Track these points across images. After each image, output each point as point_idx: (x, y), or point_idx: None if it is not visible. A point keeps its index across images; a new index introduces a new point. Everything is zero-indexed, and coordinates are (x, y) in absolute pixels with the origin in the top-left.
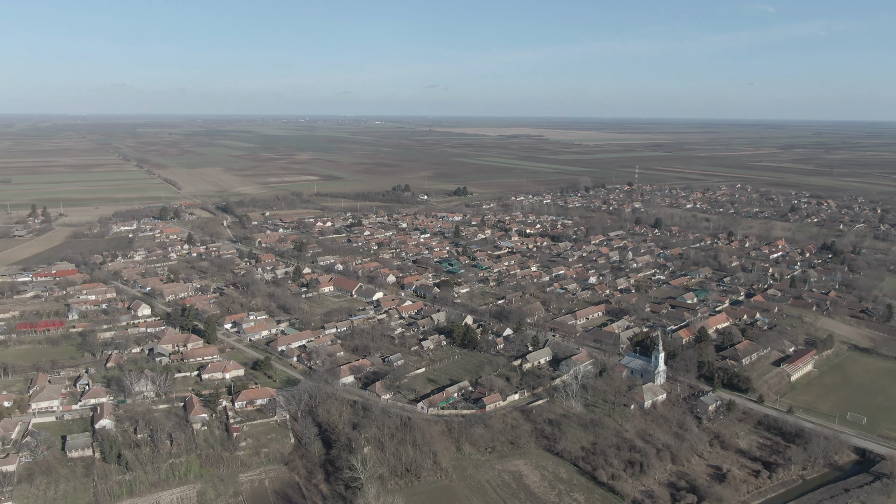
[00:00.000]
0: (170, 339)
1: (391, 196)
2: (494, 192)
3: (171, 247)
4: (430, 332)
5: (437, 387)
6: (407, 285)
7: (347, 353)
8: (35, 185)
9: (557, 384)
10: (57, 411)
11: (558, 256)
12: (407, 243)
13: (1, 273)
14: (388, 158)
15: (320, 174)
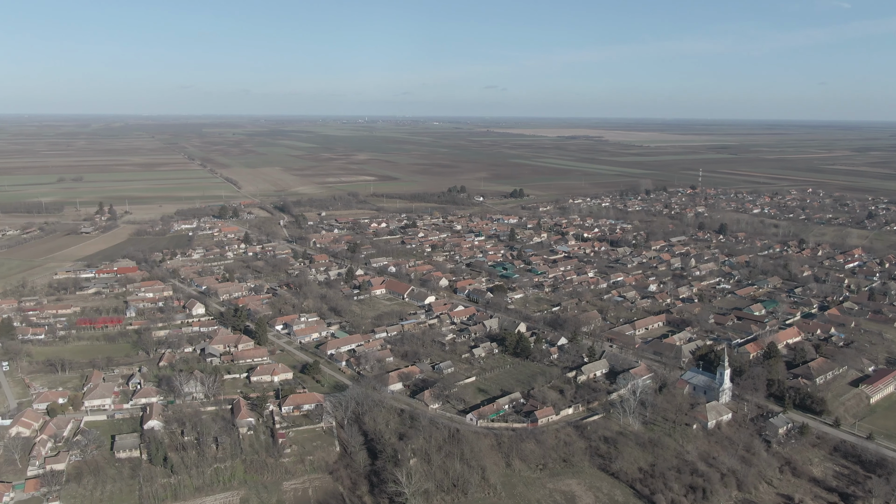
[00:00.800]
0: (221, 339)
1: (447, 197)
2: (551, 195)
3: (228, 246)
4: (481, 339)
5: (487, 397)
6: (459, 289)
7: (397, 358)
8: (105, 182)
9: (614, 399)
10: (108, 410)
11: (617, 262)
12: (461, 246)
13: (66, 269)
14: (445, 159)
15: (377, 174)
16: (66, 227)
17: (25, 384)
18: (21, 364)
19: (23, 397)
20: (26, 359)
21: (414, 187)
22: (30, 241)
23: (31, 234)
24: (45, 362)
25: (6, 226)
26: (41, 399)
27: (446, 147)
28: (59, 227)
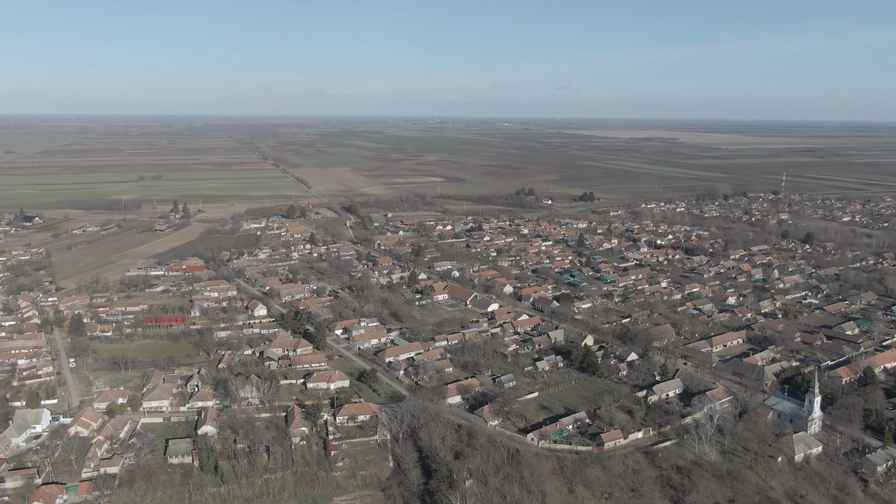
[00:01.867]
0: (280, 342)
1: (514, 200)
2: (623, 199)
3: (293, 246)
4: (546, 351)
5: (550, 415)
6: (524, 297)
7: (457, 369)
8: (182, 181)
9: (689, 424)
10: (165, 412)
11: (692, 272)
12: (527, 251)
13: (138, 266)
14: (514, 161)
15: (445, 176)
16: (143, 224)
17: (89, 381)
18: (87, 361)
19: (86, 395)
20: (92, 356)
21: (481, 189)
22: (108, 237)
23: (109, 230)
24: (109, 360)
25: (87, 222)
26: (102, 398)
27: (515, 148)
28: (136, 225)
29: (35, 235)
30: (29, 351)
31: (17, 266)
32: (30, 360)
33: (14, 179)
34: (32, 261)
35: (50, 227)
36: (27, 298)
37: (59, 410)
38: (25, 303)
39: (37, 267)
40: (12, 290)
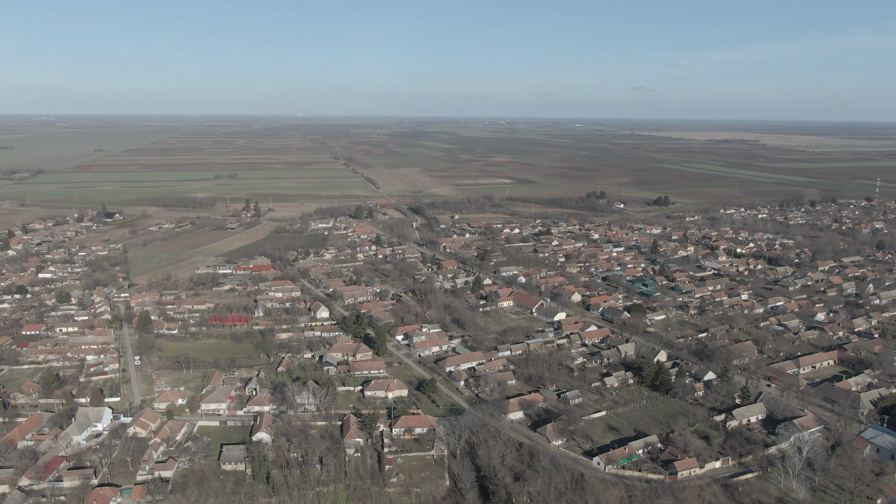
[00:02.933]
0: (340, 347)
1: (584, 203)
2: (700, 203)
3: (359, 247)
4: (615, 365)
5: (618, 438)
6: (593, 306)
7: (519, 382)
8: (256, 180)
9: (773, 455)
10: (222, 415)
11: (776, 284)
12: (597, 257)
13: (207, 264)
14: (585, 163)
15: (514, 177)
16: (215, 222)
17: (152, 380)
18: (152, 359)
19: (147, 394)
20: (157, 354)
21: (551, 191)
22: (181, 234)
23: (183, 227)
24: (173, 358)
25: (164, 219)
26: (162, 398)
27: (587, 150)
28: (209, 223)
29: (114, 231)
30: (98, 347)
31: (95, 261)
32: (98, 356)
33: (100, 176)
34: (110, 256)
35: (129, 224)
36: (101, 294)
37: (120, 409)
38: (99, 298)
39: (113, 263)
40: (88, 284)
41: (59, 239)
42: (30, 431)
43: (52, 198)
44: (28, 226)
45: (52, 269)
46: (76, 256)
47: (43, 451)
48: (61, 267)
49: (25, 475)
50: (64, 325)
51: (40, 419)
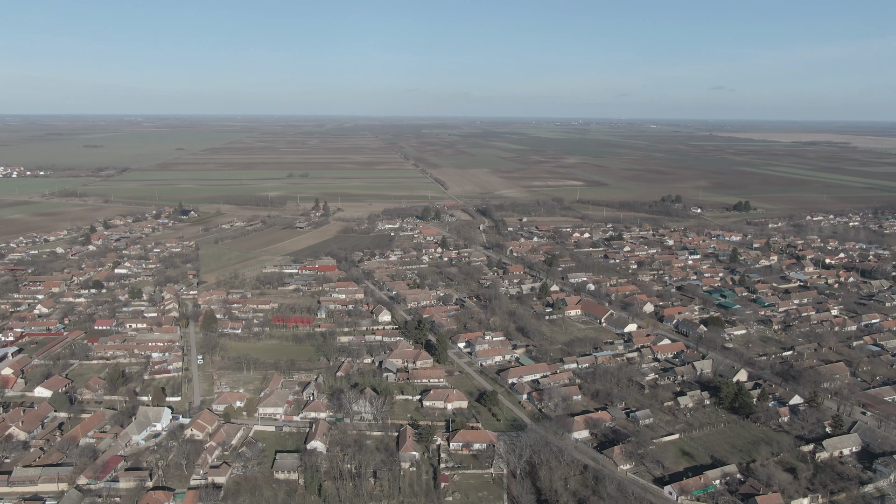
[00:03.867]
0: (400, 353)
1: (659, 207)
2: (784, 209)
3: (425, 249)
4: (690, 384)
5: (692, 465)
6: (667, 318)
7: (586, 397)
8: (327, 179)
9: (870, 493)
10: (279, 420)
11: (870, 299)
12: (671, 265)
13: (274, 263)
14: (660, 165)
15: (585, 179)
16: (285, 220)
17: (213, 380)
18: (214, 358)
19: (207, 395)
20: (220, 353)
21: (623, 194)
22: (252, 233)
23: (254, 226)
24: (235, 358)
25: (236, 217)
26: (221, 400)
27: (662, 152)
28: (279, 221)
29: (189, 229)
30: (163, 344)
31: (169, 258)
32: (163, 353)
33: (180, 174)
34: (182, 253)
35: (203, 221)
36: (171, 291)
37: (180, 409)
38: (169, 295)
39: (185, 259)
40: (160, 281)
41: (137, 235)
42: (92, 429)
43: (133, 194)
44: (109, 222)
45: (128, 264)
46: (151, 253)
47: (103, 450)
48: (136, 263)
49: (84, 474)
50: (133, 321)
51: (103, 416)
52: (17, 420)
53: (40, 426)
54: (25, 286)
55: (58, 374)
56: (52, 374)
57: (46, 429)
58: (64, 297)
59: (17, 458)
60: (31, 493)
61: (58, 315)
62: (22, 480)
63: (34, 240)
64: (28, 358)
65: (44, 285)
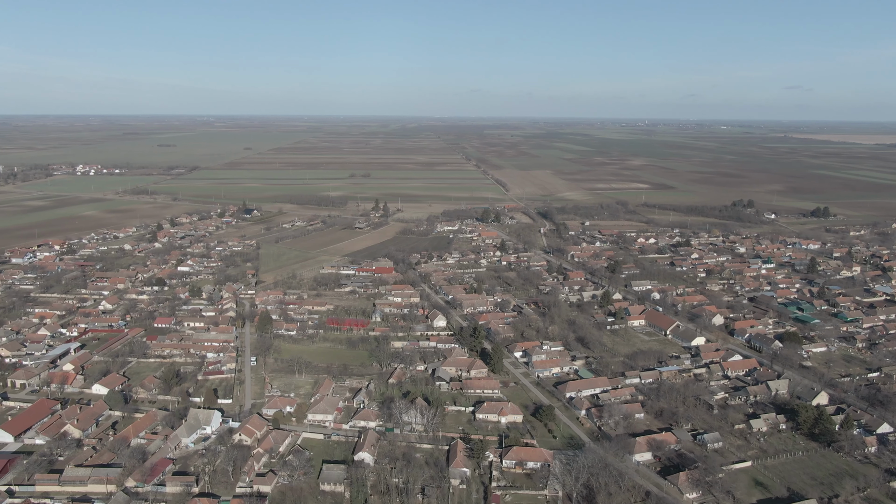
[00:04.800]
0: (454, 361)
1: (729, 212)
2: (867, 216)
3: (483, 252)
4: (764, 405)
5: (767, 497)
6: (738, 331)
7: (649, 416)
8: (388, 180)
9: None
10: (328, 428)
11: None
12: (743, 274)
13: (331, 264)
14: (731, 168)
15: (651, 182)
16: (344, 221)
17: (265, 383)
18: (267, 360)
19: (258, 398)
20: (273, 355)
21: (691, 198)
22: (311, 232)
23: (314, 226)
24: (288, 361)
25: (297, 217)
26: (271, 404)
27: (733, 154)
28: (339, 221)
29: (251, 227)
30: (218, 345)
31: (230, 257)
32: (217, 354)
33: (245, 173)
34: (243, 252)
35: (265, 220)
36: (229, 290)
37: (231, 412)
38: (227, 294)
39: (246, 258)
40: (220, 280)
41: (201, 233)
42: (143, 429)
43: (200, 193)
44: (176, 219)
45: (190, 262)
46: (213, 251)
47: (152, 452)
48: (198, 261)
49: (132, 476)
50: (191, 319)
51: (154, 417)
52: (73, 417)
53: (95, 424)
54: (93, 282)
55: (115, 371)
56: (109, 371)
57: (100, 427)
58: (128, 294)
59: (70, 457)
60: (81, 493)
61: (120, 312)
62: (72, 480)
63: (104, 236)
64: (89, 354)
65: (109, 281)
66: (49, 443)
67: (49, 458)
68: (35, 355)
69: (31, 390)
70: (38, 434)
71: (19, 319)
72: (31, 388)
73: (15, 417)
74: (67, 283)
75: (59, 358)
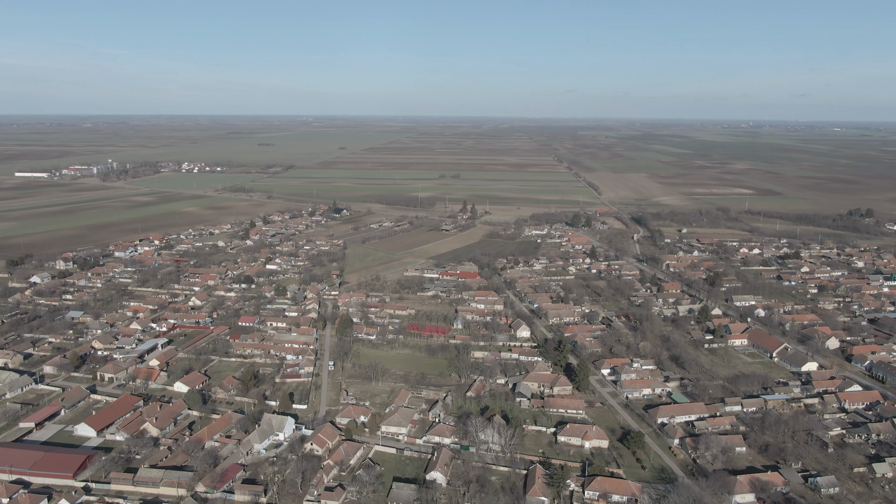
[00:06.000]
0: (537, 376)
1: (845, 222)
2: None
3: (572, 259)
4: (889, 446)
5: None
6: (856, 357)
7: (751, 451)
8: (477, 181)
9: None
10: (401, 442)
11: None
12: (862, 292)
13: (416, 267)
14: (846, 173)
15: (755, 188)
16: (432, 222)
17: (340, 389)
18: (345, 365)
19: (333, 405)
20: (352, 360)
21: (801, 206)
22: (398, 233)
23: (401, 226)
24: (365, 367)
25: (385, 217)
26: (345, 413)
27: (848, 158)
28: (426, 223)
29: (339, 227)
30: (298, 347)
31: (317, 256)
32: (297, 356)
33: (338, 173)
34: (330, 252)
35: (353, 220)
36: (313, 290)
37: (304, 418)
38: (311, 294)
39: (332, 258)
40: (305, 279)
41: (291, 232)
42: (218, 431)
43: (294, 191)
44: (268, 217)
45: (278, 261)
46: (301, 250)
47: (224, 456)
48: (286, 259)
49: (202, 481)
50: (274, 319)
51: (230, 420)
52: (153, 416)
53: (173, 423)
54: (185, 277)
55: (197, 369)
56: (192, 369)
57: (178, 427)
58: (216, 291)
59: (146, 456)
60: (153, 495)
61: (208, 308)
62: (146, 481)
63: (201, 232)
64: (174, 350)
65: (201, 278)
66: (128, 440)
67: (126, 457)
68: (125, 349)
69: (118, 384)
70: (118, 430)
71: (115, 312)
72: (118, 382)
73: (99, 412)
74: (162, 277)
75: (146, 353)
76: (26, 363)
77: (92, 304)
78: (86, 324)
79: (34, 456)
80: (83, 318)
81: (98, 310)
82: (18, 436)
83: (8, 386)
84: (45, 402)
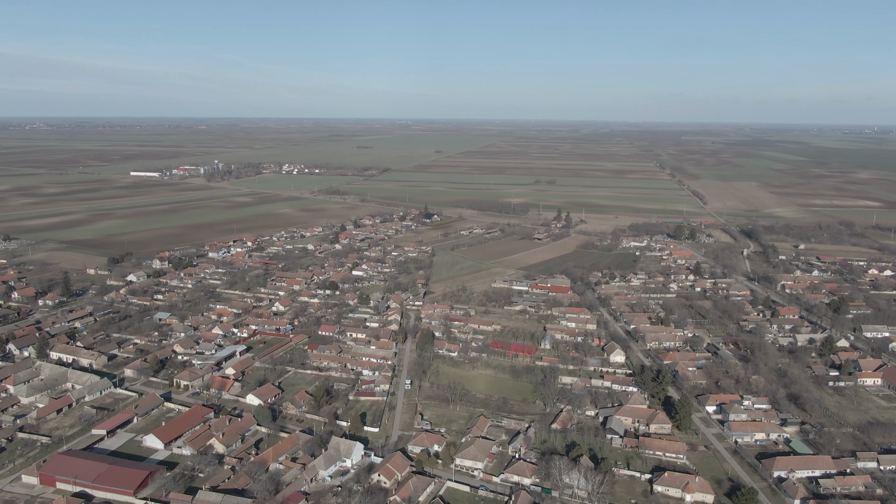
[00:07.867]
0: (631, 410)
1: None
2: None
3: (674, 275)
4: None
5: None
6: None
7: None
8: (573, 187)
9: None
10: (476, 477)
11: None
12: None
13: (504, 278)
14: None
15: (884, 200)
16: (524, 230)
17: (416, 411)
18: (423, 384)
19: (406, 430)
20: (430, 378)
21: None
22: (489, 241)
23: (492, 234)
24: (444, 387)
25: (475, 223)
26: (418, 441)
27: None
28: (518, 231)
29: (429, 233)
30: (376, 361)
31: (403, 263)
32: (373, 372)
33: (432, 176)
34: (418, 259)
35: (444, 226)
36: (397, 300)
37: (374, 443)
38: (394, 304)
39: (419, 266)
40: (390, 287)
41: (380, 236)
42: (284, 453)
43: (387, 195)
44: (359, 221)
45: (365, 266)
46: (388, 256)
47: (287, 482)
48: (373, 265)
49: None
50: (354, 329)
51: (297, 441)
52: (220, 430)
53: (240, 440)
54: (272, 281)
55: (272, 381)
56: (266, 380)
57: (245, 444)
58: (300, 297)
59: (209, 475)
60: None
61: (290, 315)
62: None
63: (293, 234)
64: (251, 359)
65: (287, 282)
66: (193, 456)
67: (190, 475)
68: (204, 355)
69: (193, 392)
70: (185, 444)
71: (199, 315)
72: (192, 390)
73: (168, 423)
74: (250, 280)
75: (224, 360)
76: (110, 364)
77: (180, 305)
78: (171, 326)
79: (99, 468)
80: (170, 320)
81: (185, 311)
82: (90, 443)
83: (87, 389)
84: (120, 407)
